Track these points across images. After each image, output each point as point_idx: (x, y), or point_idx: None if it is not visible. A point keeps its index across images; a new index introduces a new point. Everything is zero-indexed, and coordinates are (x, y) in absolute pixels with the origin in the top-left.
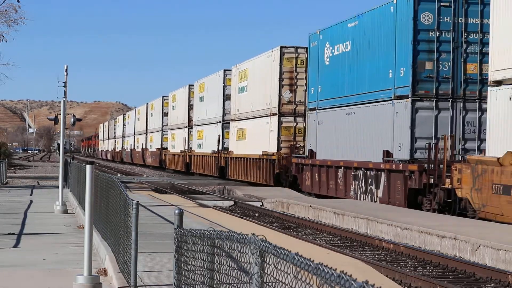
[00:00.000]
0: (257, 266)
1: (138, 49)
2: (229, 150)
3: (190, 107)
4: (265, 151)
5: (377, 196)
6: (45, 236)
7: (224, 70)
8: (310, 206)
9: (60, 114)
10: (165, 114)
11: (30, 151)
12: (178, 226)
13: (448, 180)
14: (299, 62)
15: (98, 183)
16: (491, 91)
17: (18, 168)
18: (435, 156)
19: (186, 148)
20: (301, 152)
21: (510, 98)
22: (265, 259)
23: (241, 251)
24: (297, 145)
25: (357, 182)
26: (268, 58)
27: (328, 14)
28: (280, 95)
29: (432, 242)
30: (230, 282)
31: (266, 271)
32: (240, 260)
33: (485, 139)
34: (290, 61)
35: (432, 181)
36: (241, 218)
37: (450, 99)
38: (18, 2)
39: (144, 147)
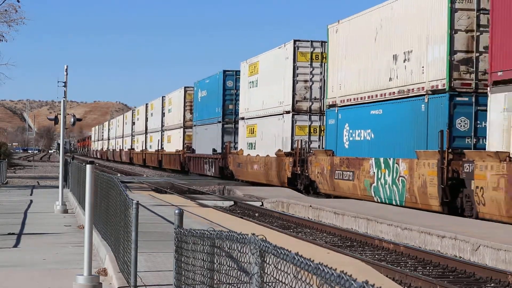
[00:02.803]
0: (257, 266)
1: (138, 49)
2: (163, 149)
3: (147, 119)
4: (177, 149)
5: (212, 172)
6: (45, 236)
7: (162, 97)
8: (310, 206)
9: (60, 114)
10: (133, 123)
11: (30, 151)
12: (178, 226)
13: (230, 161)
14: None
15: (98, 183)
16: (239, 121)
17: (18, 168)
18: (226, 150)
19: (144, 148)
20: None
21: (243, 126)
22: (265, 259)
23: (241, 251)
24: (191, 145)
25: (207, 165)
26: (179, 93)
27: (324, 12)
28: (184, 115)
29: (432, 242)
30: (230, 282)
31: (266, 271)
32: (240, 260)
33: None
34: (190, 95)
35: (224, 163)
36: (241, 218)
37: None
38: (18, 2)
39: (121, 147)
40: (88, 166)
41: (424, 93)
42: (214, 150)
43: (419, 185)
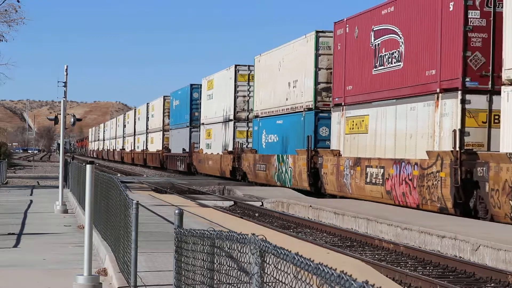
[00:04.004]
0: (257, 266)
1: (138, 48)
2: (147, 149)
3: (135, 122)
4: (157, 149)
5: (182, 168)
6: (45, 236)
7: (147, 104)
8: (310, 206)
9: (60, 114)
10: (124, 126)
11: (30, 151)
12: (178, 226)
13: (194, 159)
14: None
15: (98, 183)
16: (201, 126)
17: (18, 168)
18: (192, 149)
19: (132, 148)
20: (167, 150)
21: (203, 130)
22: (265, 259)
23: (241, 251)
24: (168, 146)
25: (178, 162)
26: (160, 101)
27: (318, 13)
28: (163, 120)
29: (432, 242)
30: (230, 282)
31: (266, 271)
32: (240, 260)
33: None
34: (168, 103)
35: (190, 160)
36: (241, 218)
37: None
38: (18, 2)
39: (114, 148)
40: (88, 166)
41: (303, 110)
42: (183, 149)
43: (298, 173)
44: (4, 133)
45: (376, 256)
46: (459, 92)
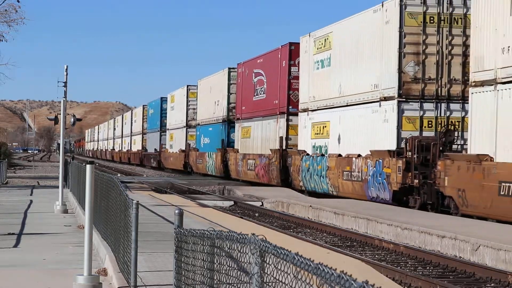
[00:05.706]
0: (257, 266)
1: (138, 48)
2: (131, 149)
3: (122, 126)
4: (138, 149)
5: (154, 164)
6: (45, 236)
7: (131, 111)
8: (310, 206)
9: (60, 114)
10: (114, 129)
11: (30, 151)
12: (178, 226)
13: (162, 157)
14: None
15: (98, 183)
16: (167, 131)
17: (18, 168)
18: (160, 149)
19: (120, 149)
20: (145, 149)
21: (168, 134)
22: (265, 259)
23: (241, 251)
24: (145, 146)
25: (152, 160)
26: (140, 109)
27: (315, 13)
28: (143, 125)
29: (432, 242)
30: (230, 282)
31: (266, 271)
32: (240, 260)
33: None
34: (146, 111)
35: (159, 158)
36: (241, 218)
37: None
38: (18, 2)
39: (106, 148)
40: (88, 166)
41: (221, 121)
42: (155, 149)
43: (217, 165)
44: (4, 133)
45: (376, 256)
46: (285, 114)
